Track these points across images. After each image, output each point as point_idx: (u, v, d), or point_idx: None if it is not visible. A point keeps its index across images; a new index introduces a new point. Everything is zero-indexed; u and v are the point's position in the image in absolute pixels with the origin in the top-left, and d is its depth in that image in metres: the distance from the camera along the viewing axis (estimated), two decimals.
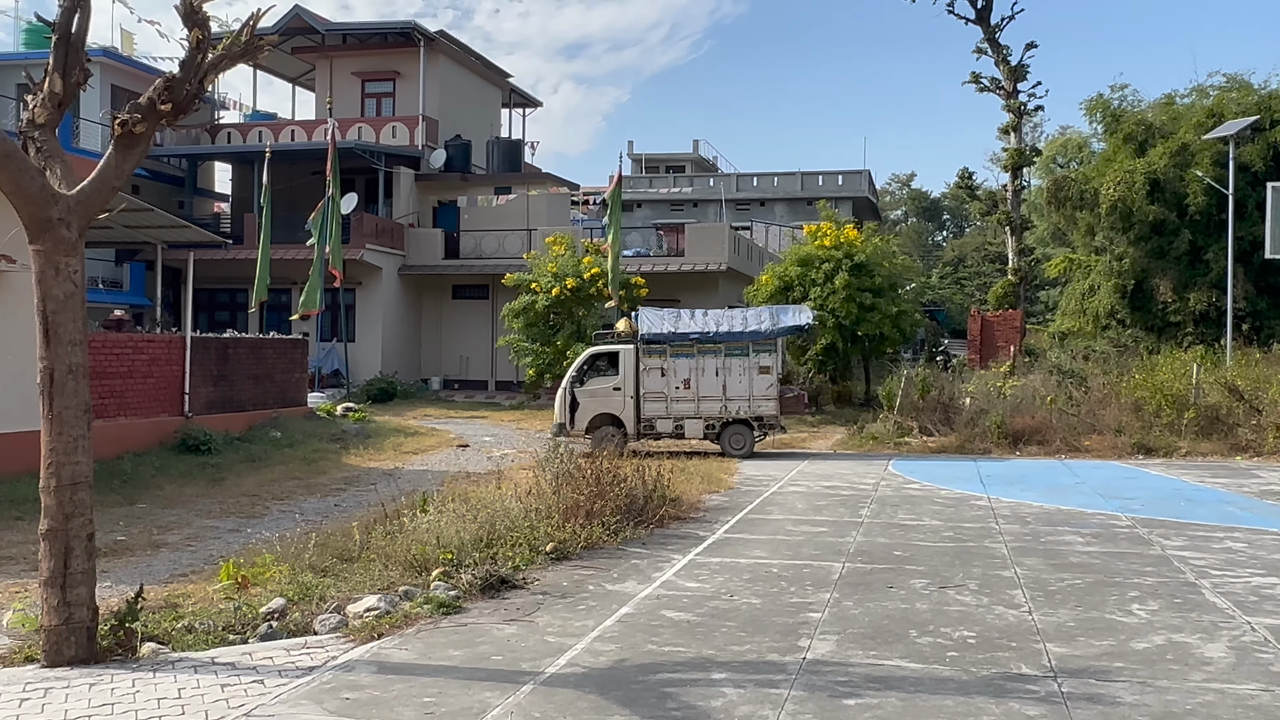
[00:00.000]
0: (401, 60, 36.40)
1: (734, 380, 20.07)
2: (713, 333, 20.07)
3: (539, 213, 35.47)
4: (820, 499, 14.59)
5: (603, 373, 20.35)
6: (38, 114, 7.25)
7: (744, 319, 20.65)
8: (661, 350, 20.05)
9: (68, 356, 6.96)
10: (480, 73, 39.83)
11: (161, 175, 36.43)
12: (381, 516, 10.84)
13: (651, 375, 20.02)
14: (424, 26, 36.17)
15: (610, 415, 19.99)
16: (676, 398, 20.02)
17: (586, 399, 20.08)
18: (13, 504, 13.15)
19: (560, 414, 20.08)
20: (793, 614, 8.21)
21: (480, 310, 34.64)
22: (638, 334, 20.14)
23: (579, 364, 20.54)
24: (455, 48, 37.96)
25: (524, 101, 44.43)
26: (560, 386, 20.51)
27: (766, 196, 56.97)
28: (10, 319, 14.98)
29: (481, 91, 40.02)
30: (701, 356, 20.06)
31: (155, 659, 6.97)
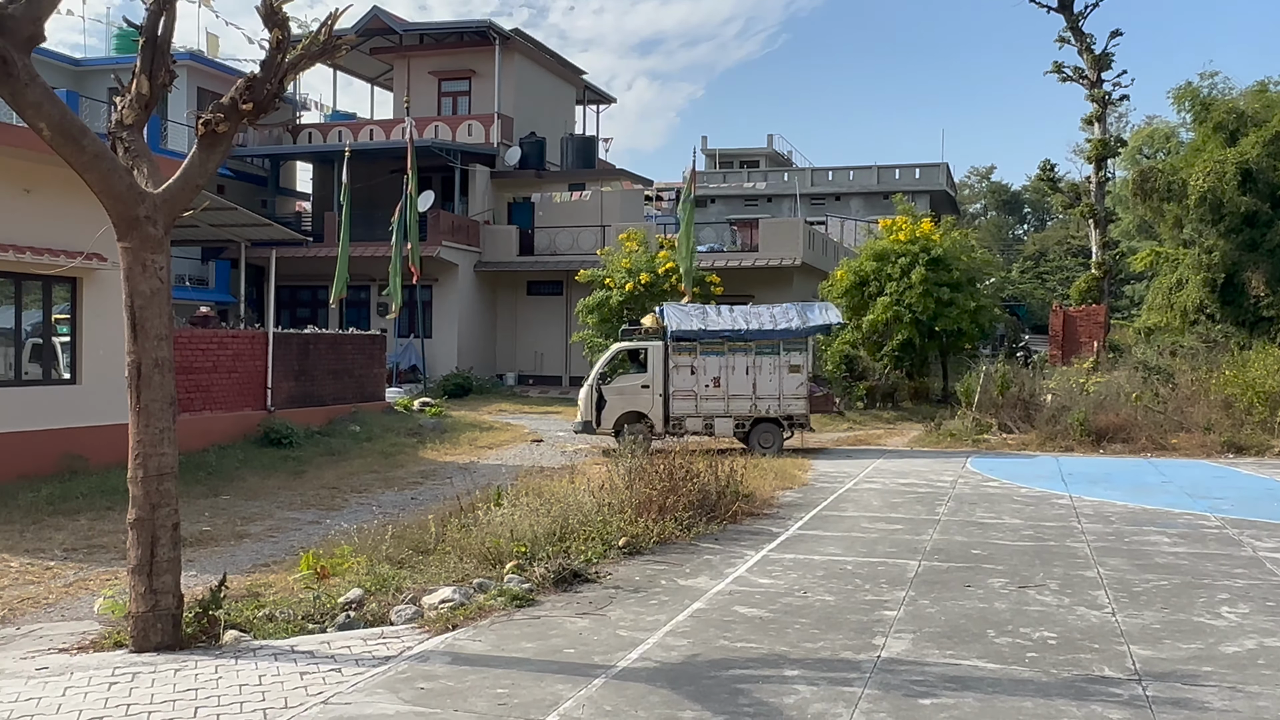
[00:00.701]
0: (477, 59, 36.76)
1: (764, 378, 19.81)
2: (745, 330, 19.82)
3: (613, 209, 35.57)
4: (896, 496, 14.39)
5: (630, 370, 20.09)
6: (126, 115, 7.45)
7: (771, 316, 20.40)
8: (691, 348, 19.76)
9: (154, 350, 7.15)
10: (555, 70, 40.05)
11: (245, 175, 37.30)
12: (457, 510, 10.97)
13: (681, 373, 19.72)
14: (499, 25, 36.49)
15: (638, 413, 19.72)
16: (706, 395, 19.74)
17: (614, 396, 19.79)
18: (104, 494, 13.57)
19: (586, 411, 19.79)
20: (867, 612, 8.12)
21: (554, 306, 34.87)
22: (666, 331, 19.82)
23: (605, 360, 20.21)
24: (530, 45, 38.22)
25: (598, 98, 44.57)
26: (585, 383, 20.21)
27: (842, 191, 56.36)
28: (101, 315, 15.47)
29: (556, 89, 40.24)
30: (732, 354, 19.79)
31: (237, 646, 7.14)
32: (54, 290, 15.43)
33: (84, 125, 7.10)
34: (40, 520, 12.48)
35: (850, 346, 28.29)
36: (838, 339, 28.52)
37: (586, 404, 19.74)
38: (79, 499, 13.53)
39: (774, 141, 66.91)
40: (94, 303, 15.61)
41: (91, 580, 9.94)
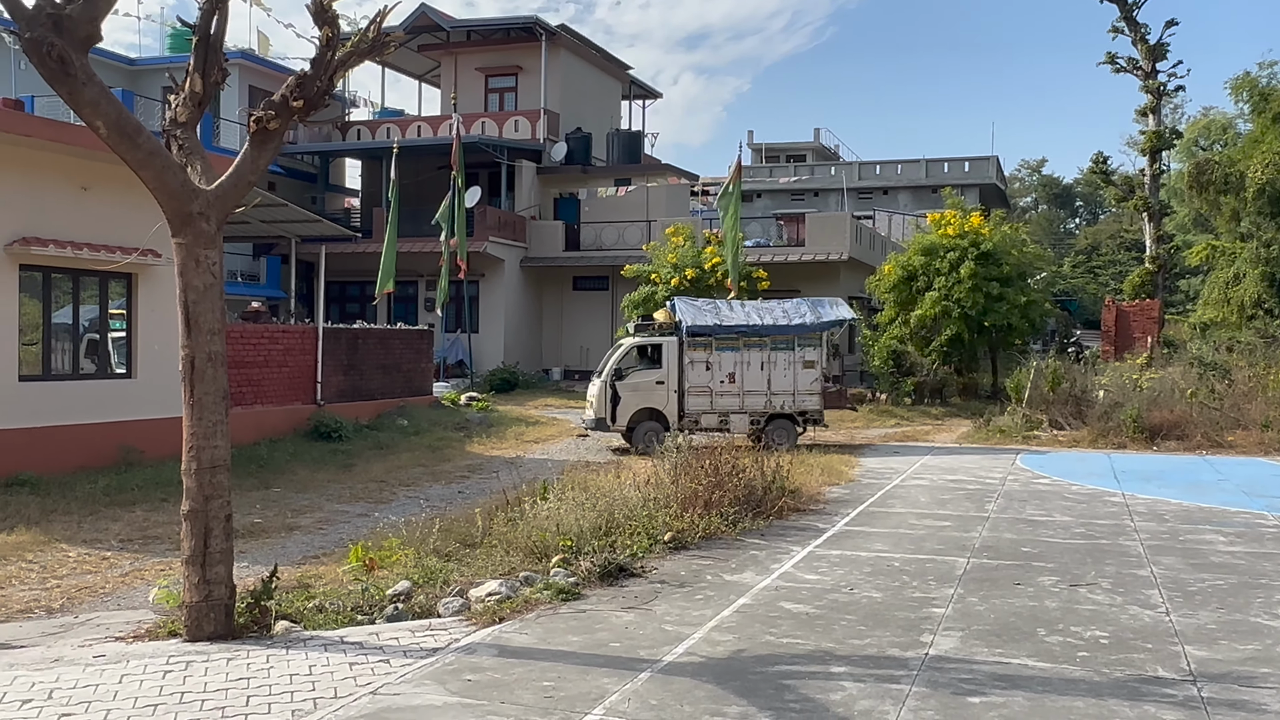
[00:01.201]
0: (524, 55, 36.89)
1: (779, 374, 19.62)
2: (760, 325, 19.60)
3: (658, 204, 35.56)
4: (944, 493, 14.26)
5: (644, 366, 19.71)
6: (179, 113, 7.57)
7: (784, 312, 20.25)
8: (707, 343, 19.48)
9: (207, 345, 7.27)
10: (601, 65, 40.10)
11: (295, 172, 37.75)
12: (503, 504, 11.04)
13: (696, 368, 19.46)
14: (546, 21, 36.59)
15: (652, 409, 19.42)
16: (721, 392, 19.48)
17: (628, 393, 19.41)
18: (158, 486, 13.81)
19: (599, 408, 19.40)
20: (915, 609, 8.05)
21: (600, 301, 34.93)
22: (680, 326, 19.54)
23: (619, 356, 19.79)
24: (576, 41, 38.30)
25: (644, 93, 44.56)
26: (598, 380, 19.81)
27: (889, 185, 55.90)
28: (155, 311, 15.75)
29: (602, 84, 40.29)
30: (747, 350, 19.56)
31: (288, 636, 7.23)
32: (110, 286, 15.72)
33: (139, 123, 7.22)
34: (97, 511, 12.73)
35: (898, 341, 28.05)
36: (885, 334, 28.30)
37: (600, 400, 19.38)
38: (134, 490, 13.79)
39: (821, 135, 66.53)
40: (148, 298, 15.90)
41: (146, 570, 10.13)
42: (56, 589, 9.39)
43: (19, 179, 14.00)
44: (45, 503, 12.82)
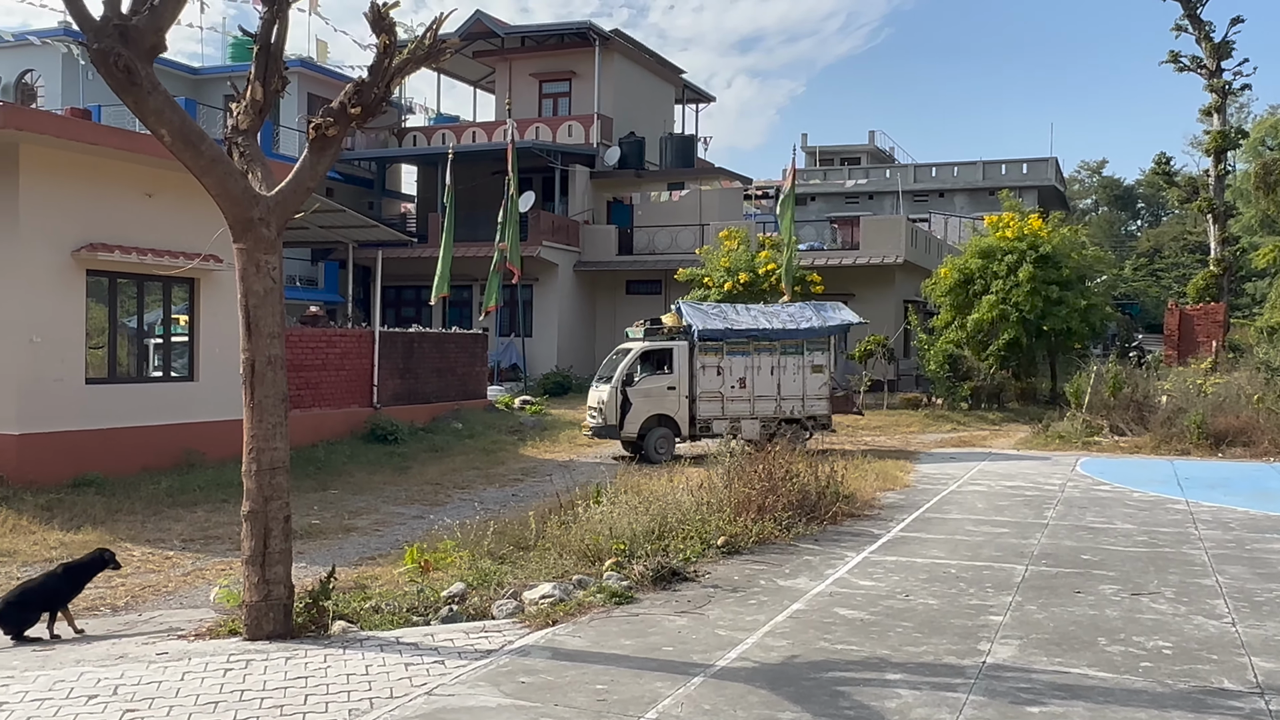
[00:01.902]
0: (577, 60, 37.07)
1: (788, 379, 19.40)
2: (771, 329, 19.32)
3: (711, 208, 35.52)
4: (1002, 499, 14.06)
5: (655, 371, 19.20)
6: (241, 120, 7.71)
7: (790, 315, 20.00)
8: (718, 347, 19.09)
9: (267, 348, 7.39)
10: (654, 70, 40.16)
11: (353, 178, 38.27)
12: (556, 507, 11.08)
13: (707, 373, 19.05)
14: (599, 26, 36.74)
15: (664, 416, 18.91)
16: (732, 397, 19.12)
17: (639, 399, 18.83)
18: (219, 487, 14.06)
19: (609, 414, 18.80)
20: (972, 616, 7.94)
21: (653, 305, 34.90)
22: (691, 330, 19.06)
23: (629, 362, 19.06)
24: (630, 46, 38.40)
25: (697, 97, 44.55)
26: (603, 385, 19.18)
27: (946, 187, 55.28)
28: (216, 315, 16.05)
29: (655, 88, 40.35)
30: (757, 354, 19.26)
31: (345, 636, 7.32)
32: (173, 291, 16.04)
33: (202, 131, 7.36)
34: (160, 511, 12.99)
35: (954, 345, 27.72)
36: (941, 338, 27.98)
37: (610, 406, 18.76)
38: (196, 491, 14.05)
39: (876, 138, 66.00)
40: (210, 303, 16.20)
41: (208, 570, 10.32)
42: (121, 587, 9.59)
43: (86, 186, 14.35)
44: (111, 503, 13.11)
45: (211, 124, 31.39)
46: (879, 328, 29.87)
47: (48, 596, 7.84)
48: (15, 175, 13.52)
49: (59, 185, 14.02)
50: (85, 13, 6.80)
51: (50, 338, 13.94)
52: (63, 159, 13.99)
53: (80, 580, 8.16)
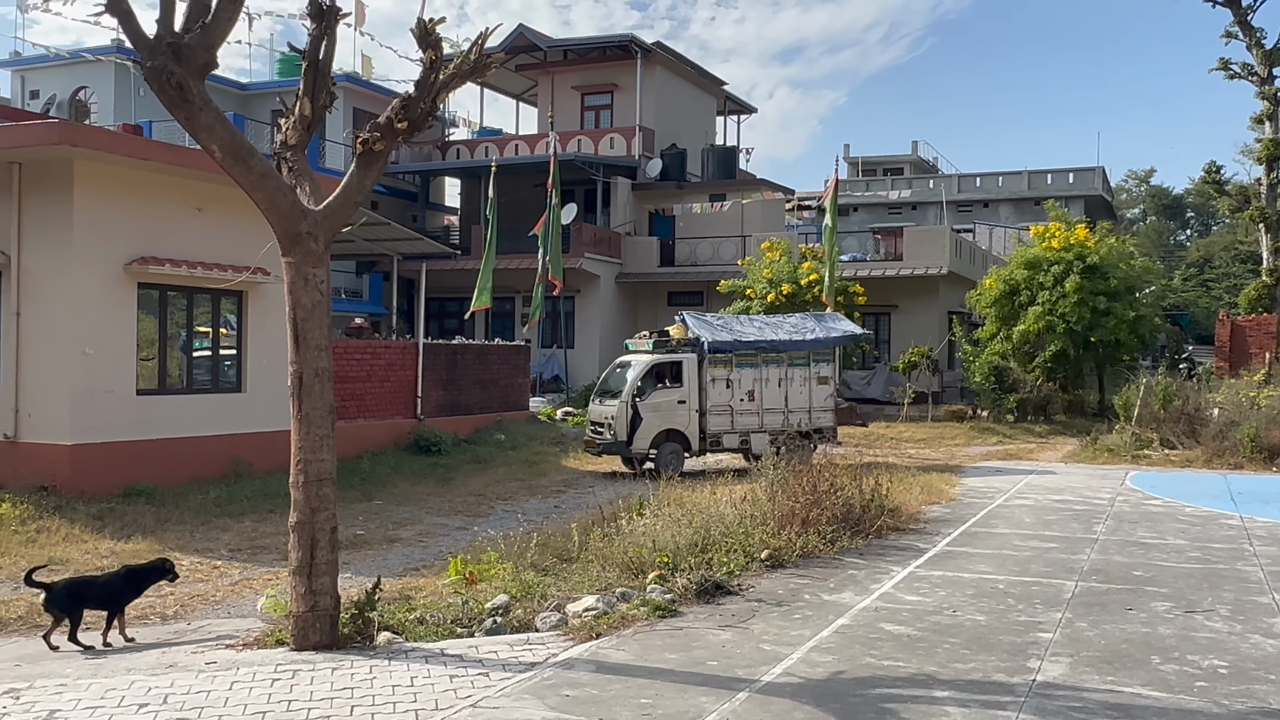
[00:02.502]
0: (619, 73, 37.20)
1: (795, 391, 19.12)
2: (780, 340, 19.02)
3: (753, 219, 35.45)
4: (1050, 513, 13.86)
5: (664, 385, 18.61)
6: (289, 135, 7.81)
7: (793, 326, 19.74)
8: (726, 360, 18.70)
9: (315, 361, 7.46)
10: (695, 81, 40.20)
11: (397, 191, 38.64)
12: (599, 519, 11.07)
13: (717, 386, 18.59)
14: (641, 39, 36.84)
15: (674, 430, 18.36)
16: (742, 410, 18.72)
17: (650, 413, 18.20)
18: (266, 498, 14.21)
19: (619, 429, 18.10)
20: (1021, 633, 7.83)
21: None
22: (700, 343, 18.58)
23: (638, 375, 18.35)
24: (671, 58, 38.47)
25: (739, 108, 44.53)
26: (609, 400, 18.54)
27: (990, 197, 54.80)
28: (263, 327, 16.25)
29: (696, 100, 40.38)
30: (765, 366, 18.94)
31: (390, 647, 7.36)
32: (221, 303, 16.26)
33: (252, 146, 7.46)
34: (208, 521, 13.16)
35: (1000, 357, 27.42)
36: (986, 350, 27.69)
37: (620, 421, 18.04)
38: (243, 501, 14.21)
39: (919, 148, 65.60)
40: (258, 315, 16.41)
41: (255, 580, 10.42)
42: (170, 596, 9.71)
43: (138, 201, 14.60)
44: (160, 512, 13.29)
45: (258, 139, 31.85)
46: (923, 339, 29.63)
47: (105, 595, 8.00)
48: (70, 190, 13.78)
49: (111, 199, 14.27)
50: (140, 31, 6.93)
51: (102, 349, 14.17)
52: (115, 174, 14.24)
53: (140, 585, 8.32)
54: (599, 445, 18.65)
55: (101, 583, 8.19)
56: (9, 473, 13.53)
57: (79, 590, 8.03)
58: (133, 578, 8.23)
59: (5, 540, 11.44)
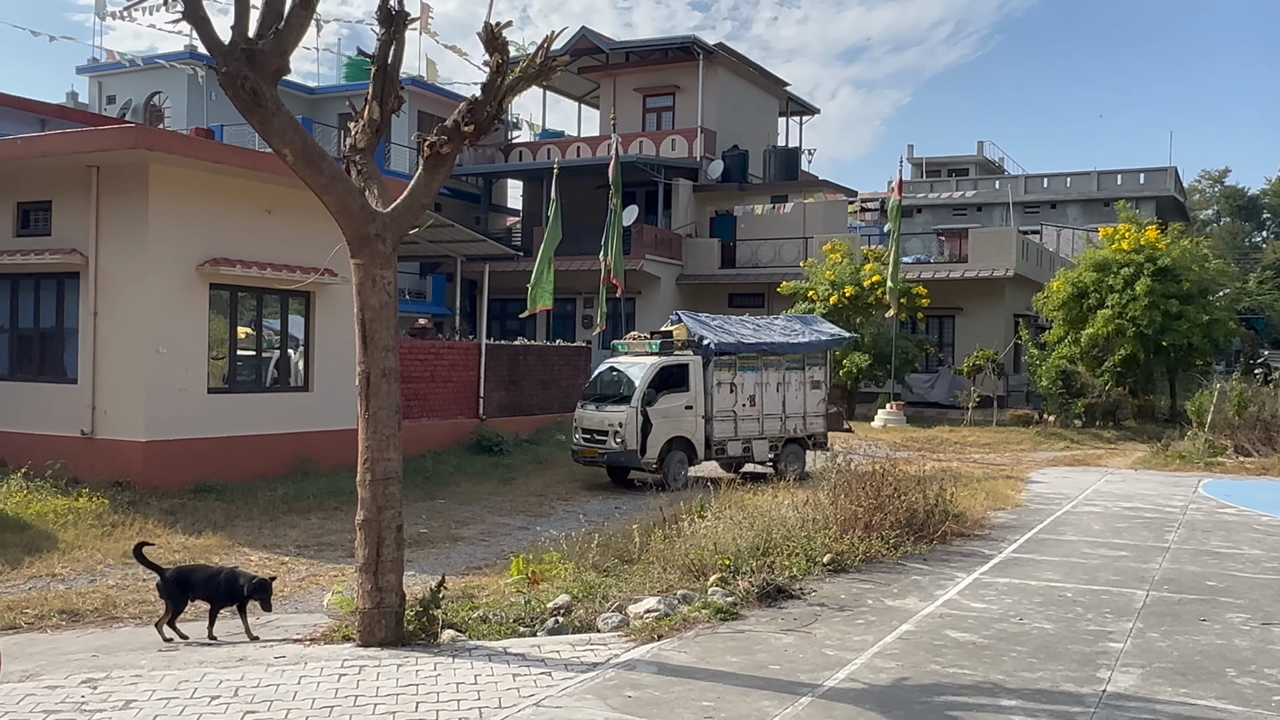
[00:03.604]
0: (681, 74, 37.20)
1: (792, 396, 18.45)
2: (780, 343, 18.36)
3: (815, 220, 35.23)
4: (1119, 520, 13.59)
5: (670, 389, 17.18)
6: (358, 139, 7.92)
7: (784, 328, 19.12)
8: (731, 363, 17.68)
9: (382, 361, 7.56)
10: (757, 82, 40.06)
11: (460, 193, 39.02)
12: (660, 521, 11.08)
13: (721, 390, 17.52)
14: (703, 40, 36.82)
15: (681, 438, 17.14)
16: (744, 416, 17.82)
17: (659, 420, 16.83)
18: (332, 495, 14.43)
19: (630, 438, 16.62)
20: (1090, 642, 7.68)
21: None
22: (705, 344, 17.39)
23: (646, 378, 16.92)
24: (733, 59, 38.38)
25: (801, 109, 44.28)
26: (616, 408, 16.95)
27: (1058, 198, 53.86)
28: (330, 327, 16.50)
29: (758, 101, 40.24)
30: (765, 370, 18.11)
31: (454, 645, 7.43)
32: (290, 304, 16.55)
33: (323, 150, 7.59)
34: (276, 518, 13.39)
35: (1067, 361, 26.94)
36: (1054, 354, 27.21)
37: (630, 429, 16.61)
38: (310, 499, 14.44)
39: (984, 148, 64.73)
40: (325, 316, 16.67)
41: (321, 576, 10.59)
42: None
43: (210, 203, 14.91)
44: (230, 508, 13.56)
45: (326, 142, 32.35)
46: (988, 342, 29.22)
47: (209, 588, 8.02)
48: (145, 193, 14.12)
49: (185, 202, 14.60)
50: (215, 37, 7.08)
51: (175, 349, 14.50)
52: (188, 177, 14.56)
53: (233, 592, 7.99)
54: (603, 455, 17.10)
55: (206, 575, 8.17)
56: (86, 468, 13.90)
57: (185, 578, 8.08)
58: (232, 581, 8.03)
59: (83, 534, 11.75)
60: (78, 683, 6.53)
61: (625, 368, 17.50)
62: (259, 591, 8.01)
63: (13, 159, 14.46)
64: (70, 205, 14.60)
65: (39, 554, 10.91)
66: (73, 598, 9.36)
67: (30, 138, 15.11)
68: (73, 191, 14.50)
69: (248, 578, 8.14)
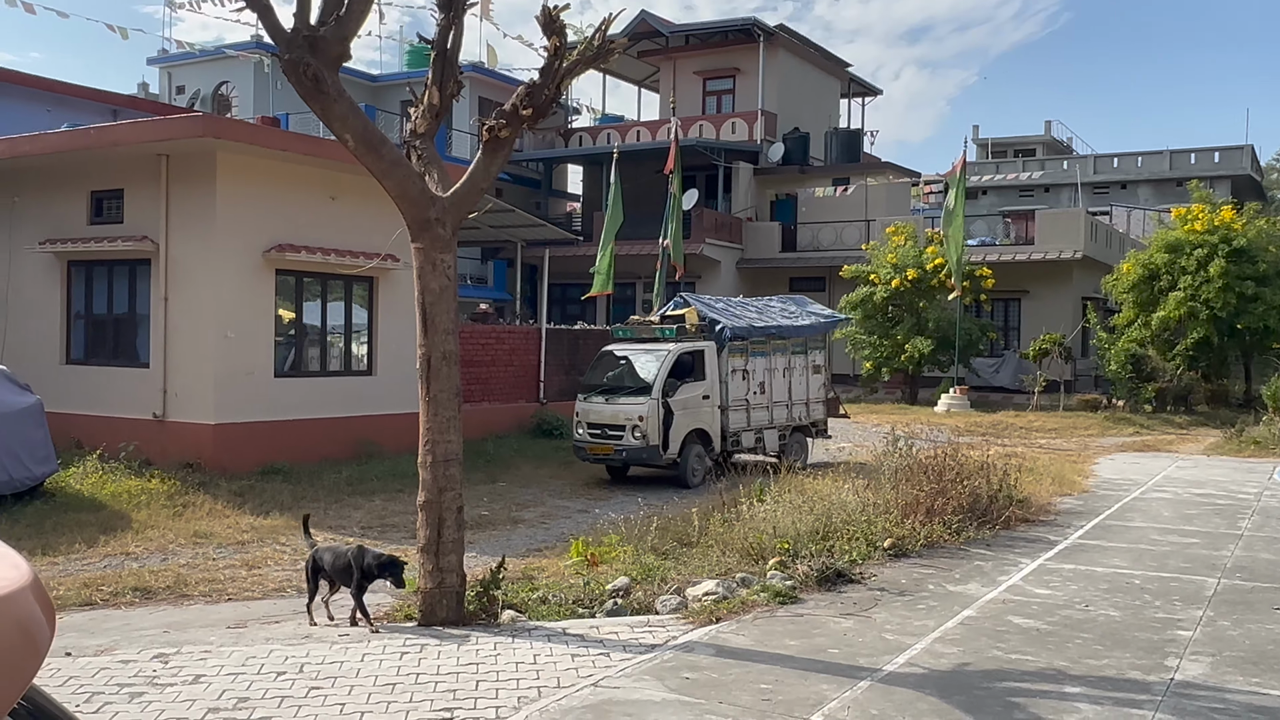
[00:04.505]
0: (741, 57, 36.95)
1: (797, 381, 17.49)
2: (788, 326, 17.36)
3: (877, 203, 34.85)
4: (1190, 507, 13.29)
5: (687, 379, 15.91)
6: (419, 124, 8.00)
7: (783, 310, 18.04)
8: (743, 348, 16.48)
9: (442, 344, 7.64)
10: (819, 64, 39.67)
11: (521, 178, 39.20)
12: (719, 504, 11.07)
13: (735, 378, 16.35)
14: (764, 22, 36.52)
15: (700, 431, 15.86)
16: (756, 404, 16.71)
17: (680, 412, 15.47)
18: (395, 478, 14.63)
19: (652, 433, 15.13)
20: (1158, 630, 7.53)
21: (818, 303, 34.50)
22: (720, 329, 16.17)
23: (666, 367, 15.47)
24: (794, 40, 38.04)
25: (863, 90, 43.77)
26: (629, 400, 15.46)
27: (1128, 178, 52.63)
28: (393, 312, 16.70)
29: (820, 83, 39.84)
30: (774, 355, 17.03)
31: (514, 625, 7.51)
32: (354, 289, 16.78)
33: (383, 135, 7.68)
34: (341, 499, 13.61)
35: (1137, 345, 26.36)
36: (1123, 337, 26.63)
37: (651, 423, 15.11)
38: (373, 481, 14.66)
39: (1052, 128, 63.39)
40: (387, 300, 16.87)
41: None
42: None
43: (277, 190, 15.16)
44: (296, 490, 13.81)
45: (389, 129, 32.69)
46: (1055, 326, 28.70)
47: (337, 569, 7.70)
48: (213, 180, 14.39)
49: (251, 189, 14.85)
50: (278, 25, 7.18)
51: (242, 334, 14.78)
52: (255, 164, 14.81)
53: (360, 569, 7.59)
54: (620, 452, 15.51)
55: (333, 556, 7.80)
56: (158, 450, 14.24)
57: (315, 560, 7.85)
58: (359, 559, 7.59)
59: (155, 514, 12.05)
60: (149, 657, 6.71)
61: (636, 356, 16.07)
62: (390, 569, 7.57)
63: (85, 148, 14.83)
64: (141, 193, 14.94)
65: (114, 533, 11.21)
66: (145, 575, 9.60)
67: (101, 127, 15.48)
68: (143, 180, 14.82)
69: (375, 555, 7.68)
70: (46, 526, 11.30)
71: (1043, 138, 62.62)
